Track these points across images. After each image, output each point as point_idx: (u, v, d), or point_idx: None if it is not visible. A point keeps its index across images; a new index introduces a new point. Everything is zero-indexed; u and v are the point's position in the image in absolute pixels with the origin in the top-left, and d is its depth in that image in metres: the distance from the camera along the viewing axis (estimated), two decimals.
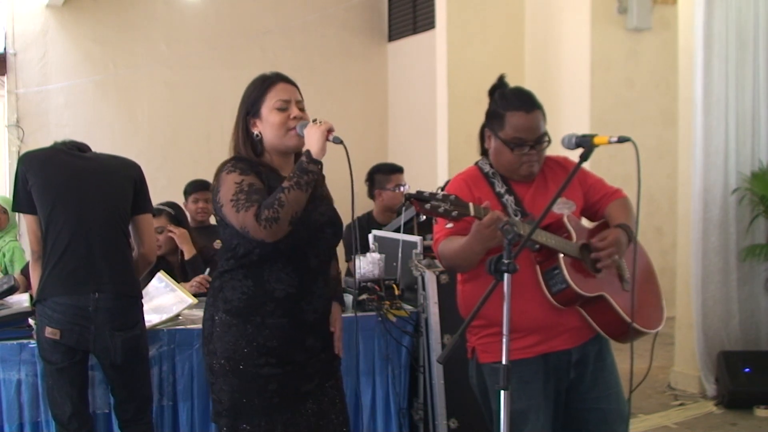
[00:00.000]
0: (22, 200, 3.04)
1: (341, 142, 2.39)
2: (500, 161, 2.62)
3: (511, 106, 2.56)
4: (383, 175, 4.86)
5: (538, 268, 2.49)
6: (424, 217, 2.27)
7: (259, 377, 2.46)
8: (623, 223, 2.59)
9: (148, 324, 3.17)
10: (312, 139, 2.39)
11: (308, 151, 2.38)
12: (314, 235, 2.50)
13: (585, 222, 2.72)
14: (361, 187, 4.88)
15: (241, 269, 2.47)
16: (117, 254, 3.04)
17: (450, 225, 2.45)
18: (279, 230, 2.30)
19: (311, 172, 2.36)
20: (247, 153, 2.50)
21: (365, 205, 4.99)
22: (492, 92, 2.66)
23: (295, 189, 2.32)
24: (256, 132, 2.51)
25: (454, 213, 2.20)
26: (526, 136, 2.54)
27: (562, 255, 2.45)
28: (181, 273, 4.08)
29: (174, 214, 4.21)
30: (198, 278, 3.93)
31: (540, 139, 2.57)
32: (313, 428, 2.55)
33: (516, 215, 2.52)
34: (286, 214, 2.29)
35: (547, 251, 2.46)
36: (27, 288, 3.60)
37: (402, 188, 4.69)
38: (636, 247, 2.59)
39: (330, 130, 2.41)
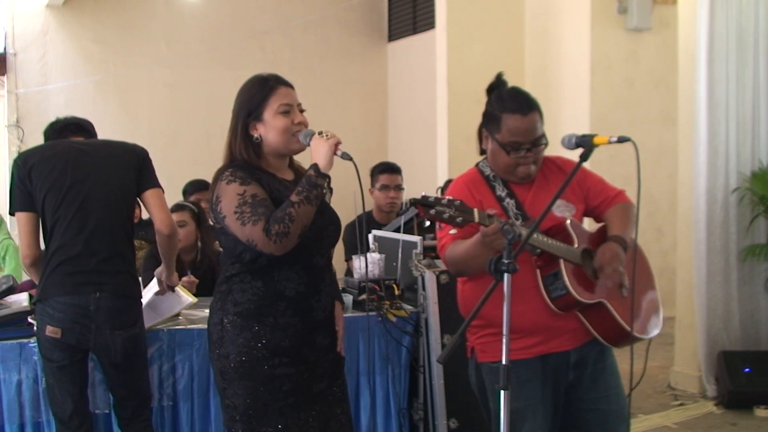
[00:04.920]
0: (19, 200, 3.01)
1: (351, 159, 2.40)
2: (497, 163, 2.60)
3: (507, 109, 2.53)
4: (375, 174, 4.89)
5: (538, 272, 2.48)
6: (429, 222, 2.26)
7: (274, 378, 2.45)
8: (615, 236, 2.57)
9: (147, 323, 3.17)
10: (320, 153, 2.41)
11: (316, 165, 2.40)
12: (319, 234, 2.50)
13: (587, 224, 2.72)
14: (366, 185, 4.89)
15: (249, 272, 2.46)
16: (119, 254, 3.04)
17: (454, 231, 2.44)
18: (289, 244, 2.32)
19: (319, 186, 2.38)
20: (247, 156, 2.49)
21: (368, 203, 5.00)
22: (490, 91, 2.65)
23: (304, 203, 2.34)
24: (256, 135, 2.50)
25: (459, 219, 2.19)
26: (523, 139, 2.52)
27: (563, 260, 2.44)
28: (192, 272, 4.08)
29: (197, 212, 4.26)
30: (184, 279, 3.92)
31: (537, 142, 2.55)
32: (322, 429, 2.55)
33: (517, 219, 2.50)
34: (296, 228, 2.31)
35: (548, 256, 2.45)
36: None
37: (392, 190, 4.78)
38: (636, 252, 2.58)
39: (338, 144, 2.43)
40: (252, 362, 2.44)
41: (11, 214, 3.08)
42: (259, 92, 2.51)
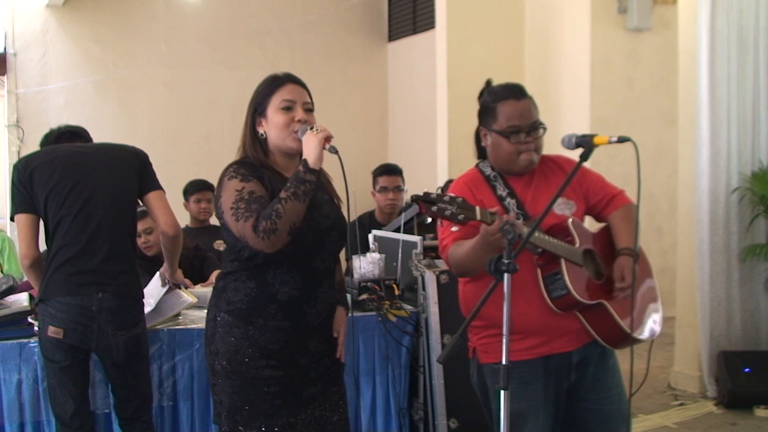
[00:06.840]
0: (20, 203, 3.01)
1: (336, 152, 2.35)
2: (499, 155, 2.61)
3: (500, 97, 2.59)
4: (375, 176, 4.91)
5: (539, 271, 2.48)
6: (431, 219, 2.25)
7: (260, 379, 2.44)
8: (626, 248, 2.56)
9: (148, 323, 3.17)
10: (309, 148, 2.36)
11: (305, 161, 2.35)
12: (320, 239, 2.48)
13: (588, 223, 2.72)
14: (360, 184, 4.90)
15: (245, 271, 2.46)
16: (122, 255, 3.04)
17: (455, 228, 2.44)
18: (277, 241, 2.29)
19: (308, 181, 2.33)
20: (255, 152, 2.49)
21: (370, 203, 5.00)
22: (480, 96, 2.69)
23: (292, 200, 2.29)
24: (261, 131, 2.50)
25: (461, 216, 2.18)
26: (520, 122, 2.56)
27: (564, 260, 2.44)
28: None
29: None
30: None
31: (535, 125, 2.58)
32: None
33: (518, 218, 2.50)
34: (284, 225, 2.27)
35: (549, 255, 2.45)
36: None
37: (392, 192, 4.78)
38: (637, 254, 2.58)
39: (328, 138, 2.37)
40: (240, 361, 2.44)
41: (12, 219, 3.07)
42: (266, 88, 2.52)
